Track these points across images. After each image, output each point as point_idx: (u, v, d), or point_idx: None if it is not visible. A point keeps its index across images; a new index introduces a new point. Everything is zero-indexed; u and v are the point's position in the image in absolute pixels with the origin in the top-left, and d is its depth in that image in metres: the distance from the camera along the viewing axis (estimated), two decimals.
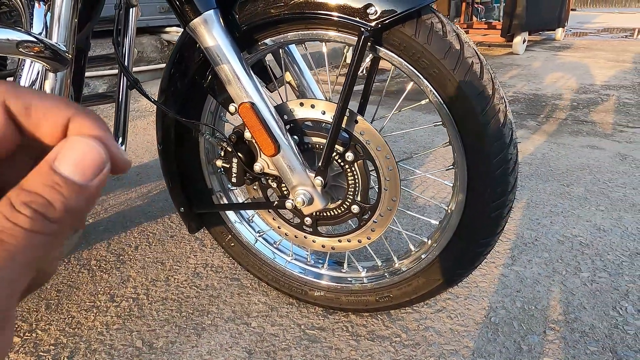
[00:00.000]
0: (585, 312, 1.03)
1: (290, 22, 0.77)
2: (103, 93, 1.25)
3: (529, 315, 1.03)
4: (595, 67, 4.21)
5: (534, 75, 3.88)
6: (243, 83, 0.77)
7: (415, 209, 1.51)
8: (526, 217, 1.46)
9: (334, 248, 0.93)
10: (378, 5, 0.67)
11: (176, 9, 0.74)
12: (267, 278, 1.08)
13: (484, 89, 0.71)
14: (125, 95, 0.97)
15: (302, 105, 0.81)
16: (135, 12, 0.97)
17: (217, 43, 0.74)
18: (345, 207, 0.87)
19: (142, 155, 2.04)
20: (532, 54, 5.06)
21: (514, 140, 0.75)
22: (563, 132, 2.33)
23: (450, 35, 0.70)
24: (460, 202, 0.81)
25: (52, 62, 0.58)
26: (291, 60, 0.99)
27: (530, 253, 1.26)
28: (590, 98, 3.04)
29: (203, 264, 1.24)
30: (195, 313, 1.05)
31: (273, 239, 1.09)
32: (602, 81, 3.58)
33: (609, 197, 1.59)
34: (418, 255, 0.92)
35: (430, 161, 1.95)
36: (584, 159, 1.96)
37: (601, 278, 1.15)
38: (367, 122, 0.78)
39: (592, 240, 1.32)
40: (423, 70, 0.72)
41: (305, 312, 1.05)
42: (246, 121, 0.78)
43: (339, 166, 0.84)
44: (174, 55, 0.88)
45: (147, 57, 3.38)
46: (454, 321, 1.01)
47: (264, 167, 0.85)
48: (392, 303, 0.96)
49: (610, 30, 8.00)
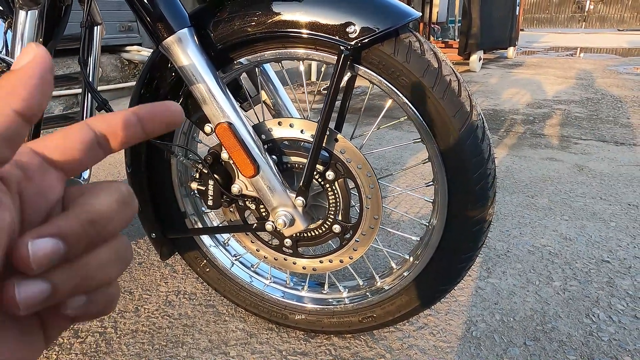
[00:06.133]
0: (561, 320, 1.06)
1: (267, 40, 0.75)
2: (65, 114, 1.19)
3: (509, 327, 1.04)
4: (547, 83, 4.46)
5: (492, 91, 4.06)
6: (220, 103, 0.74)
7: (389, 224, 1.52)
8: (497, 229, 1.49)
9: (315, 269, 0.90)
10: (358, 24, 0.67)
11: (148, 26, 0.72)
12: (245, 303, 1.04)
13: (462, 106, 0.72)
14: (89, 117, 0.92)
15: (281, 125, 0.80)
16: (100, 30, 0.93)
17: (192, 62, 0.72)
18: (326, 226, 0.85)
19: (104, 179, 1.95)
20: (487, 71, 5.30)
21: (492, 155, 0.76)
22: (523, 146, 2.43)
23: (428, 54, 0.70)
24: (441, 217, 0.81)
25: None
26: (266, 79, 0.97)
27: (504, 265, 1.29)
28: (544, 112, 3.20)
29: (175, 292, 1.18)
30: (168, 345, 0.99)
31: (250, 262, 1.06)
32: (554, 96, 3.78)
33: (571, 206, 1.66)
34: (400, 273, 0.91)
35: (402, 177, 1.97)
36: (545, 170, 2.04)
37: (572, 286, 1.18)
38: (348, 140, 0.77)
39: (560, 249, 1.37)
40: (402, 88, 0.73)
41: (286, 337, 1.01)
42: (224, 142, 0.75)
43: (320, 185, 0.82)
44: (144, 74, 0.85)
45: (106, 76, 3.27)
46: (437, 337, 1.01)
47: (242, 188, 0.82)
48: (375, 323, 0.94)
49: (556, 49, 8.53)
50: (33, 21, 0.60)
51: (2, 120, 0.18)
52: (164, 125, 0.25)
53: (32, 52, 0.19)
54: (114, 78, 3.33)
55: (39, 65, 0.19)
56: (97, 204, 0.21)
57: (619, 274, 1.23)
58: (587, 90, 4.03)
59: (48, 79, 0.19)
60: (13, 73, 0.19)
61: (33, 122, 0.19)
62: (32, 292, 0.18)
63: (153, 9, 0.71)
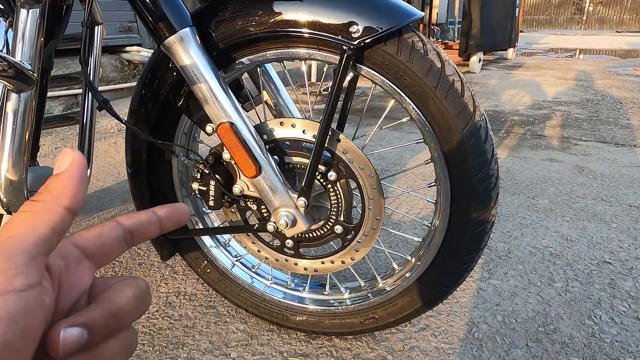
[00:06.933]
0: (563, 322, 1.05)
1: (269, 40, 0.75)
2: (65, 114, 1.18)
3: (511, 329, 1.03)
4: (546, 84, 4.46)
5: (492, 92, 4.06)
6: (222, 103, 0.74)
7: (391, 225, 1.51)
8: (498, 230, 1.49)
9: (317, 270, 0.90)
10: (361, 24, 0.67)
11: (150, 26, 0.71)
12: (245, 304, 1.03)
13: (465, 106, 0.71)
14: (90, 117, 0.92)
15: (282, 125, 0.79)
16: (101, 30, 0.93)
17: (194, 62, 0.72)
18: (328, 227, 0.85)
19: (104, 179, 1.94)
20: (487, 73, 5.30)
21: (494, 156, 0.76)
22: (523, 147, 2.43)
23: (431, 54, 0.70)
24: (443, 218, 0.81)
25: (16, 82, 0.53)
26: (267, 79, 0.97)
27: (506, 266, 1.28)
28: (544, 114, 3.20)
29: (175, 292, 1.17)
30: (169, 346, 0.99)
31: (251, 263, 1.05)
32: (554, 97, 3.78)
33: (572, 207, 1.66)
34: (402, 274, 0.90)
35: (403, 177, 1.96)
36: (545, 171, 2.04)
37: (574, 288, 1.18)
38: (350, 141, 0.77)
39: (561, 250, 1.36)
40: (405, 88, 0.72)
41: (287, 338, 1.01)
42: (225, 142, 0.75)
43: (321, 186, 0.82)
44: (145, 74, 0.84)
45: (106, 77, 3.27)
46: (439, 339, 1.00)
47: (244, 189, 0.81)
48: (377, 324, 0.93)
49: (555, 50, 8.54)
50: (34, 20, 0.60)
51: (55, 217, 0.22)
52: (176, 224, 0.29)
53: (69, 157, 0.23)
54: (114, 78, 3.32)
55: (77, 167, 0.23)
56: (119, 300, 0.24)
57: (620, 275, 1.23)
58: (587, 92, 4.03)
59: (85, 177, 0.24)
60: (59, 177, 0.23)
61: (76, 214, 0.23)
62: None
63: (155, 9, 0.70)
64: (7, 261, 0.20)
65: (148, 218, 0.27)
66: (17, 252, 0.20)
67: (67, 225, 0.22)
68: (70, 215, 0.22)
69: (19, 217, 0.22)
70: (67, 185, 0.23)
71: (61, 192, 0.22)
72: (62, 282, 0.23)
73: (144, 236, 0.27)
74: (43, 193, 0.23)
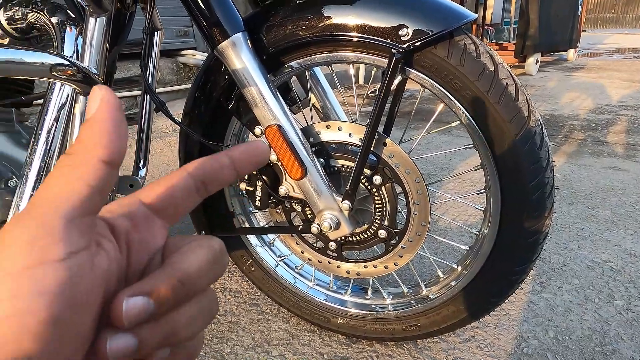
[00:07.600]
0: (623, 343, 0.98)
1: (318, 44, 0.76)
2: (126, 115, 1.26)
3: (564, 347, 0.97)
4: (611, 87, 4.18)
5: (549, 95, 3.85)
6: (270, 105, 0.76)
7: (437, 232, 1.48)
8: (552, 241, 1.41)
9: (359, 274, 0.90)
10: (411, 27, 0.66)
11: (204, 31, 0.74)
12: (288, 304, 1.05)
13: (520, 111, 0.68)
14: (148, 118, 0.97)
15: (329, 128, 0.80)
16: (159, 35, 0.98)
17: (245, 66, 0.74)
18: (372, 231, 0.84)
19: (158, 177, 2.04)
20: (545, 75, 5.04)
21: (550, 163, 0.72)
22: (583, 153, 2.29)
23: (484, 57, 0.68)
24: (493, 227, 0.78)
25: (84, 85, 0.57)
26: (315, 82, 0.98)
27: (560, 279, 1.21)
28: (608, 118, 2.99)
29: (221, 289, 1.21)
30: (214, 340, 1.02)
31: (294, 264, 1.07)
32: (619, 101, 3.53)
33: (637, 220, 1.54)
34: (447, 282, 0.88)
35: (450, 183, 1.91)
36: (608, 180, 1.91)
37: (637, 307, 1.09)
38: (396, 145, 0.76)
39: (623, 266, 1.27)
40: (455, 92, 0.70)
41: (328, 340, 1.01)
42: (273, 144, 0.77)
43: (366, 189, 0.81)
44: (199, 78, 0.88)
45: (163, 79, 3.44)
46: (484, 352, 0.97)
47: (289, 190, 0.83)
48: (420, 332, 0.91)
49: (622, 51, 7.97)
50: (101, 27, 0.65)
51: (92, 171, 0.19)
52: (254, 165, 0.26)
53: (98, 96, 0.20)
54: (170, 81, 3.48)
55: (108, 108, 0.20)
56: (188, 264, 0.21)
57: None
58: None
59: (119, 119, 0.20)
60: (88, 123, 0.20)
61: (118, 166, 0.20)
62: (121, 347, 0.19)
63: (210, 14, 0.73)
64: (42, 228, 0.18)
65: (220, 162, 0.24)
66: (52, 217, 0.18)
67: (107, 179, 0.19)
68: (109, 168, 0.19)
69: (55, 174, 0.19)
70: (98, 132, 0.19)
71: (94, 142, 0.19)
72: (131, 243, 0.22)
73: (218, 183, 0.24)
74: (76, 145, 0.20)
